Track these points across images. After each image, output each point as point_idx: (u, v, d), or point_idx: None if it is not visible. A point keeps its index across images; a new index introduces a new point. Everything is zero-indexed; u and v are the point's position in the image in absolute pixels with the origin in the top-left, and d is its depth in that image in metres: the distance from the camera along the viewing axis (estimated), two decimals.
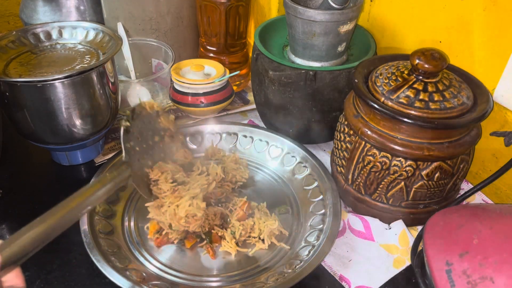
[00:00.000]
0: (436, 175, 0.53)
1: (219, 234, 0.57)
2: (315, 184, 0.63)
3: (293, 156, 0.68)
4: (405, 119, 0.50)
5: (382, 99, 0.53)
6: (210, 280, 0.53)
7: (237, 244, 0.56)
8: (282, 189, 0.66)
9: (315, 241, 0.55)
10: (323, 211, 0.59)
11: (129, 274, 0.50)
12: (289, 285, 0.49)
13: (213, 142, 0.72)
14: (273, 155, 0.70)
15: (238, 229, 0.56)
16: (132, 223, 0.59)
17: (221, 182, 0.62)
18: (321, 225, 0.57)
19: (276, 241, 0.57)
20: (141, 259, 0.55)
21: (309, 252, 0.54)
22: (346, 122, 0.59)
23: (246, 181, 0.66)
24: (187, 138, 0.72)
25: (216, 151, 0.70)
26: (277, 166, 0.69)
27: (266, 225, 0.57)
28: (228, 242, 0.56)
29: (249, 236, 0.57)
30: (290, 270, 0.52)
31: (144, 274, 0.52)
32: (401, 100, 0.52)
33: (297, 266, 0.52)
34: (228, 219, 0.58)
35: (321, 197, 0.61)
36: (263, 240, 0.57)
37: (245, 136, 0.72)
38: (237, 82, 0.90)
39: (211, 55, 0.88)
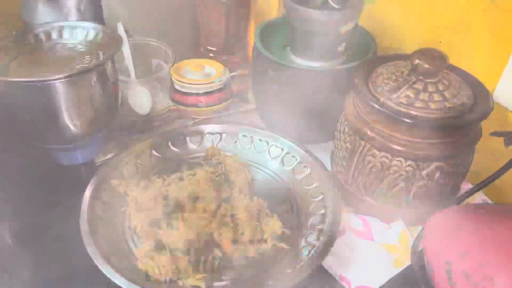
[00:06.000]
0: (436, 175, 0.53)
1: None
2: (315, 184, 0.63)
3: (293, 156, 0.68)
4: (405, 119, 0.50)
5: (382, 99, 0.53)
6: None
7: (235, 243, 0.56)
8: (282, 189, 0.66)
9: (315, 241, 0.55)
10: (323, 211, 0.59)
11: (129, 274, 0.50)
12: (289, 285, 0.49)
13: (213, 142, 0.72)
14: (273, 155, 0.70)
15: (245, 229, 0.56)
16: (132, 223, 0.59)
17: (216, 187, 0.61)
18: (321, 225, 0.57)
19: (276, 241, 0.57)
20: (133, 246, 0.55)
21: (309, 252, 0.54)
22: (346, 122, 0.59)
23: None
24: (187, 138, 0.72)
25: (216, 152, 0.70)
26: (277, 166, 0.69)
27: (268, 226, 0.57)
28: (244, 246, 0.55)
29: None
30: (290, 270, 0.52)
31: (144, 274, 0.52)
32: (401, 100, 0.52)
33: (297, 266, 0.52)
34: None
35: (321, 197, 0.61)
36: (265, 241, 0.57)
37: (245, 136, 0.72)
38: (237, 82, 0.90)
39: (211, 55, 0.88)
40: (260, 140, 0.71)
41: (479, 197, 0.64)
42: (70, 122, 0.63)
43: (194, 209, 0.58)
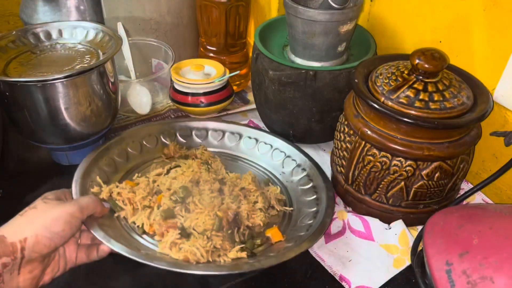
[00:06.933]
0: (436, 175, 0.53)
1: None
2: (310, 184, 0.64)
3: (281, 151, 0.70)
4: (405, 119, 0.50)
5: (382, 99, 0.53)
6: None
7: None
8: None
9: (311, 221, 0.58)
10: (315, 208, 0.60)
11: (163, 261, 0.49)
12: (265, 266, 0.49)
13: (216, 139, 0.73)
14: (261, 152, 0.71)
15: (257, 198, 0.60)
16: (136, 224, 0.58)
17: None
18: (312, 221, 0.58)
19: (280, 206, 0.61)
20: (143, 241, 0.55)
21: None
22: (346, 122, 0.59)
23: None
24: (193, 132, 0.73)
25: (177, 148, 0.70)
26: (275, 167, 0.69)
27: (270, 192, 0.62)
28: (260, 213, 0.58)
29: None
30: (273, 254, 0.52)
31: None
32: (401, 100, 0.52)
33: (281, 251, 0.53)
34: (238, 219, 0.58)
35: (315, 196, 0.62)
36: (273, 207, 0.61)
37: (233, 134, 0.74)
38: (237, 82, 0.90)
39: (211, 55, 0.88)
40: (249, 137, 0.72)
41: (479, 197, 0.64)
42: (70, 122, 0.64)
43: (201, 191, 0.59)
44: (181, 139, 0.72)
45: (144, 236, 0.56)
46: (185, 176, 0.61)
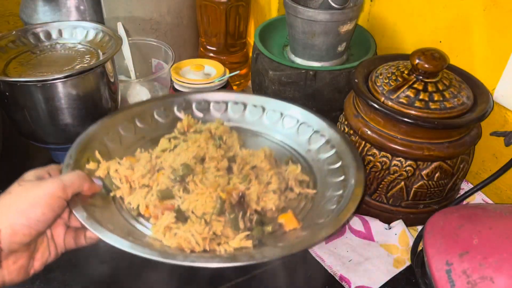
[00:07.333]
0: (436, 175, 0.53)
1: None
2: (339, 163, 0.55)
3: (322, 136, 0.60)
4: (405, 119, 0.50)
5: (382, 99, 0.53)
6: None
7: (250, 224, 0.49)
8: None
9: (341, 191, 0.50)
10: (341, 191, 0.52)
11: (154, 249, 0.43)
12: (266, 258, 0.42)
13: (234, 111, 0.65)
14: (286, 127, 0.63)
15: (270, 178, 0.52)
16: (132, 205, 0.52)
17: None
18: (334, 206, 0.50)
19: (301, 188, 0.53)
20: (138, 225, 0.49)
21: (338, 202, 0.49)
22: (346, 122, 0.59)
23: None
24: (211, 105, 0.65)
25: (192, 122, 0.63)
26: (304, 146, 0.61)
27: (289, 172, 0.54)
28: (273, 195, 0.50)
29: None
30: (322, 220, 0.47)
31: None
32: (401, 100, 0.52)
33: (331, 214, 0.47)
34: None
35: (343, 177, 0.54)
36: (291, 189, 0.53)
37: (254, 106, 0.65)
38: (237, 82, 0.90)
39: (211, 55, 0.88)
40: (291, 117, 0.63)
41: (479, 197, 0.63)
42: (70, 122, 0.64)
43: (206, 169, 0.52)
44: (197, 113, 0.65)
45: (140, 219, 0.49)
46: (189, 152, 0.54)
